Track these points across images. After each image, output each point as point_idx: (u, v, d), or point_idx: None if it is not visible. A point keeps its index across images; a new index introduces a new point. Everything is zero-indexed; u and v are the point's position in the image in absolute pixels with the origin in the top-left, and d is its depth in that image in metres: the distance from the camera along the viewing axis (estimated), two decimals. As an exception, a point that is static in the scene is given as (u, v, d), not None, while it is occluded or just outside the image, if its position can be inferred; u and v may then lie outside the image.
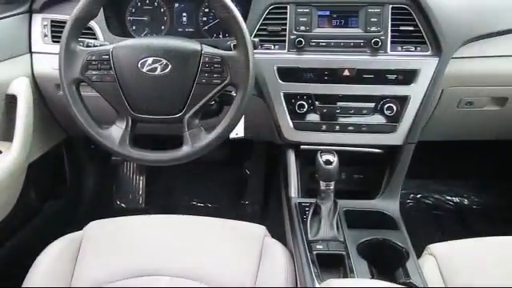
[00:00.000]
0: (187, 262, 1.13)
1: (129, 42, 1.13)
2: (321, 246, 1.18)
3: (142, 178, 2.11)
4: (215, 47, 1.15)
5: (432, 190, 2.10)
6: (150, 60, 1.09)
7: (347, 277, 1.10)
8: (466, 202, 2.08)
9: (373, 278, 1.11)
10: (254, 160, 2.11)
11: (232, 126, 1.12)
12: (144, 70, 1.09)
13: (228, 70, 1.09)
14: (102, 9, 1.31)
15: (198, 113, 1.13)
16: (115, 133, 1.14)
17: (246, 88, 1.09)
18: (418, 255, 1.19)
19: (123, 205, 2.09)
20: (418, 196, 2.09)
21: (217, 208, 2.08)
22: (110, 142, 1.13)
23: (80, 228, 1.22)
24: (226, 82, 1.10)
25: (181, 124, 1.13)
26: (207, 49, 1.11)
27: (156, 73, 1.09)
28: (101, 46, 1.16)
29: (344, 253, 1.16)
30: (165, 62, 1.09)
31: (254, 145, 2.07)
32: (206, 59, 1.10)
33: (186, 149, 1.13)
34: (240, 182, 2.12)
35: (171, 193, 2.13)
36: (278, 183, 1.73)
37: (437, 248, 1.17)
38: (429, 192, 2.10)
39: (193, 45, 1.11)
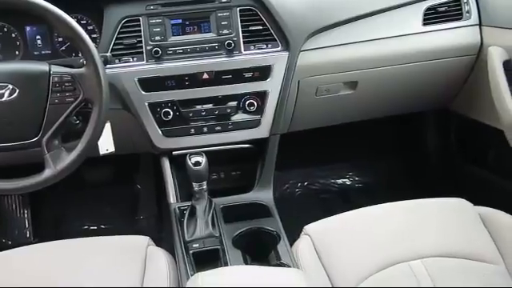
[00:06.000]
0: None
1: None
2: (197, 245, 1.21)
3: (26, 210, 2.00)
4: (70, 66, 1.14)
5: (317, 176, 2.20)
6: None
7: None
8: (348, 182, 2.22)
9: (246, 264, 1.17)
10: (142, 173, 2.10)
11: (93, 141, 1.12)
12: None
13: (80, 88, 1.10)
14: None
15: (56, 133, 1.12)
16: None
17: (102, 103, 1.09)
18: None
19: (10, 242, 1.97)
20: (306, 183, 2.19)
21: (111, 228, 2.03)
22: None
23: None
24: (80, 99, 1.10)
25: (39, 148, 1.11)
26: (56, 68, 1.10)
27: (3, 99, 1.06)
28: None
29: (219, 247, 1.21)
30: (11, 86, 1.07)
31: (140, 158, 2.06)
32: (56, 79, 1.09)
33: (48, 172, 1.11)
34: (132, 197, 2.10)
35: (61, 220, 2.04)
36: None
37: (311, 227, 1.24)
38: (314, 178, 2.20)
39: (39, 66, 1.10)
